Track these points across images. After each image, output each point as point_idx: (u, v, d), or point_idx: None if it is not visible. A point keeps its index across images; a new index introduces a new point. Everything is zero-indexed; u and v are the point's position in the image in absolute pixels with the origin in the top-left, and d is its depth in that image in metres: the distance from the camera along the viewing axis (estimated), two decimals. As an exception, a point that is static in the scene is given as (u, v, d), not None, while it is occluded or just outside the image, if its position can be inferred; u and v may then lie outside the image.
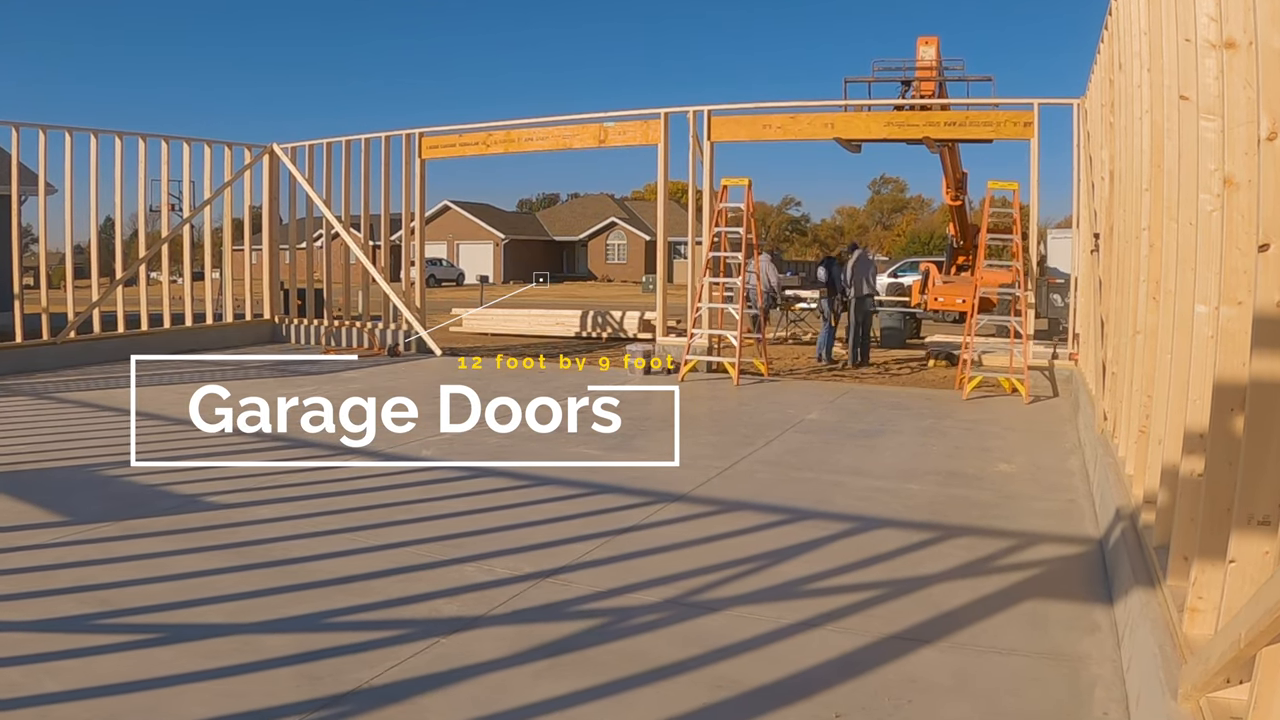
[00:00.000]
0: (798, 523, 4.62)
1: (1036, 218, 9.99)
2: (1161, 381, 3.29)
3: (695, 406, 8.63)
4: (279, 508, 4.87)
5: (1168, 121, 3.36)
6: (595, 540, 4.32)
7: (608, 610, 3.52)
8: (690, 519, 4.76)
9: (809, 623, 3.34)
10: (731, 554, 4.14)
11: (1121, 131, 5.20)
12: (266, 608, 3.47)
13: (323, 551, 4.13)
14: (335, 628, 3.33)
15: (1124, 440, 4.35)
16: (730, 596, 3.64)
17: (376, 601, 3.56)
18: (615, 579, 3.83)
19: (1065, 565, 4.04)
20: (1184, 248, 2.97)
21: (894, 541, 4.36)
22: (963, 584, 3.78)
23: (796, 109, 10.67)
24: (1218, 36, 2.57)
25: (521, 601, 3.58)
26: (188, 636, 3.18)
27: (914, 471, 5.83)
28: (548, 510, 4.91)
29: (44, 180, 11.21)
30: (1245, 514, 2.06)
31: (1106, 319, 5.88)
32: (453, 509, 4.98)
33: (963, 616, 3.44)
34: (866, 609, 3.50)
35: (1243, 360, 2.26)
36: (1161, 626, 2.55)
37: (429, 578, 3.83)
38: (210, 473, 5.53)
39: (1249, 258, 2.26)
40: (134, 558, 3.99)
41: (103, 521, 4.51)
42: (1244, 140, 2.34)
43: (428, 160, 12.99)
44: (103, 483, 5.36)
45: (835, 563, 4.02)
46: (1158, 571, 2.89)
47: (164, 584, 3.68)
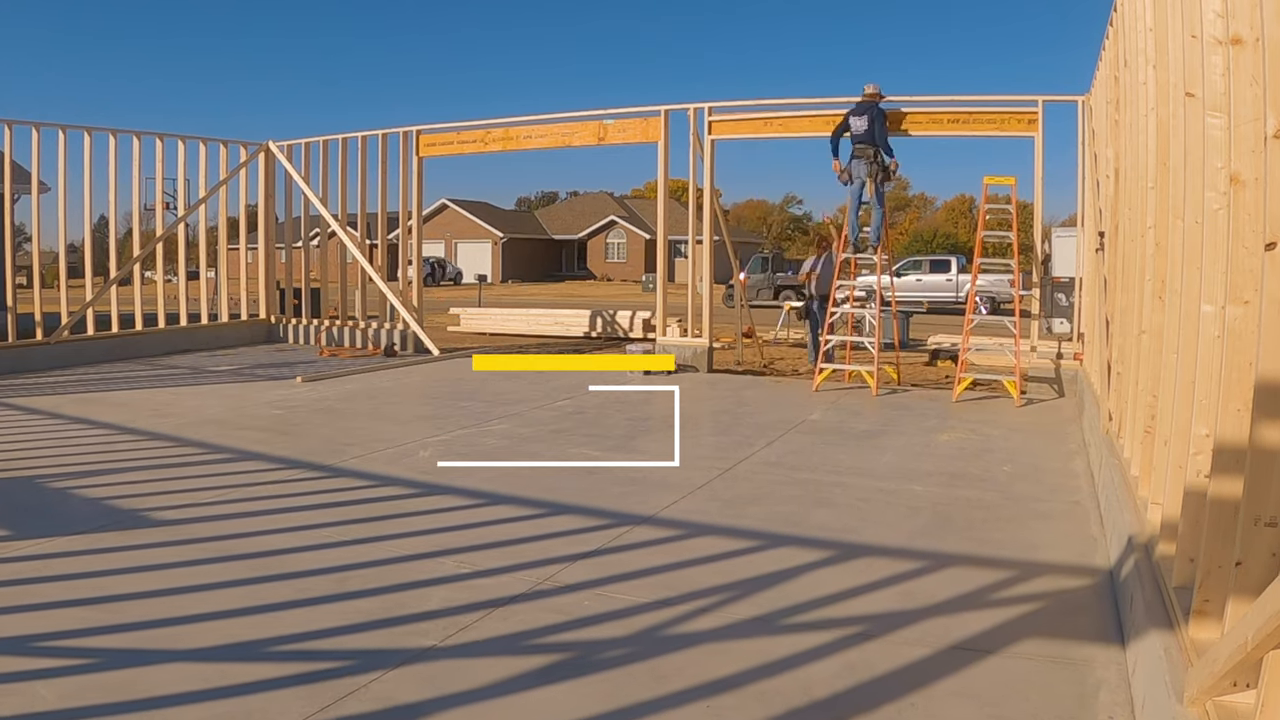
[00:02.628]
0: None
1: (1041, 216, 9.93)
2: (1167, 381, 3.26)
3: (696, 407, 8.60)
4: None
5: (1173, 119, 3.33)
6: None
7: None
8: (692, 517, 4.74)
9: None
10: (732, 567, 4.05)
11: (1127, 129, 5.17)
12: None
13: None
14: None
15: (1129, 441, 4.32)
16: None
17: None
18: (614, 581, 3.80)
19: (1067, 565, 4.02)
20: (1190, 246, 2.94)
21: (892, 552, 4.32)
22: (959, 586, 3.75)
23: (798, 106, 10.61)
24: (1224, 33, 2.54)
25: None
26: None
27: (917, 472, 5.80)
28: (544, 505, 4.88)
29: (37, 178, 11.13)
30: (1252, 515, 2.04)
31: (1112, 318, 5.85)
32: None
33: (963, 619, 3.41)
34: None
35: (1250, 359, 2.24)
36: (1166, 630, 2.53)
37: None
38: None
39: (1256, 256, 2.25)
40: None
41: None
42: (1250, 137, 2.32)
43: (425, 158, 12.93)
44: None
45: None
46: (1164, 577, 2.87)
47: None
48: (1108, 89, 6.55)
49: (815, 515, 4.82)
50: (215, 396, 8.70)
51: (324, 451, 6.22)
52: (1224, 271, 2.46)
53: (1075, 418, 7.80)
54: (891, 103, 9.93)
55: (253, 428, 7.10)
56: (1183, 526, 2.73)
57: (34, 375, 10.06)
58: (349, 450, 6.25)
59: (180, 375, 10.28)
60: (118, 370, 10.60)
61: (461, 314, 17.69)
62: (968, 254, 16.84)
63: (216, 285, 13.88)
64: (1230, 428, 2.33)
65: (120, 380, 9.80)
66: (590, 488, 5.36)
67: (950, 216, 58.36)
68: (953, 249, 38.01)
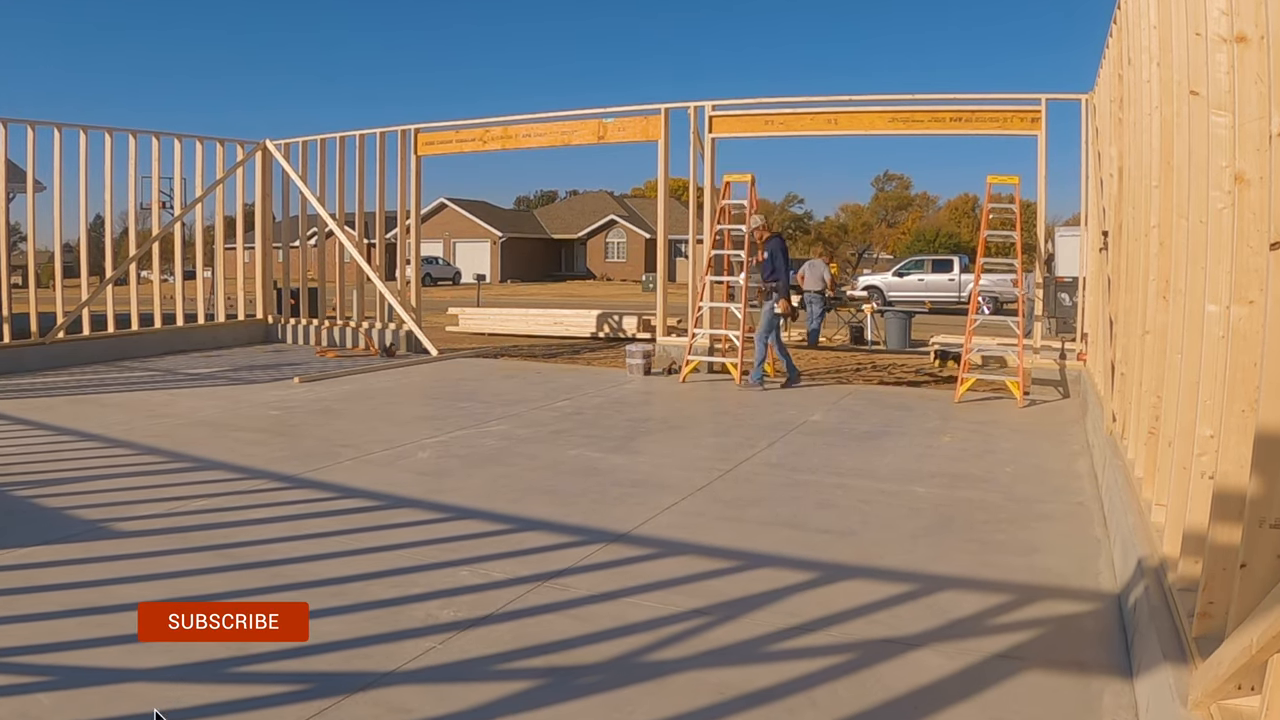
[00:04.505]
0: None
1: (1044, 215, 9.89)
2: (1171, 382, 3.24)
3: (697, 408, 8.58)
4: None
5: (1178, 117, 3.31)
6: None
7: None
8: (692, 519, 4.71)
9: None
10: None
11: (1130, 127, 5.14)
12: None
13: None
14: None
15: (1133, 442, 4.29)
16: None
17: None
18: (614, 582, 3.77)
19: (1070, 567, 3.99)
20: (1194, 245, 2.92)
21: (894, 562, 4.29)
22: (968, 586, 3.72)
23: (799, 104, 10.58)
24: (1229, 30, 2.53)
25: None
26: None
27: (919, 474, 5.77)
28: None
29: (32, 177, 11.09)
30: (1257, 517, 2.02)
31: (1115, 318, 5.83)
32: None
33: (968, 619, 3.39)
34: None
35: (1254, 360, 2.22)
36: (1170, 632, 2.51)
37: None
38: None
39: (1261, 256, 2.24)
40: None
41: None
42: (1255, 136, 2.31)
43: (424, 156, 12.90)
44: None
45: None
46: (1168, 579, 2.84)
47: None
48: (1111, 87, 6.53)
49: (816, 517, 4.79)
50: (212, 398, 8.66)
51: (322, 453, 6.19)
52: (1228, 271, 2.44)
53: (1078, 419, 7.76)
54: (893, 101, 9.91)
55: (249, 429, 7.06)
56: (1187, 529, 2.70)
57: (29, 376, 10.02)
58: (344, 452, 6.22)
59: (177, 376, 10.24)
60: (113, 371, 10.56)
61: (460, 314, 17.66)
62: (970, 253, 16.78)
63: (213, 285, 13.83)
64: (1235, 429, 2.31)
65: (115, 382, 9.77)
66: (590, 489, 5.33)
67: (953, 216, 58.27)
68: (955, 249, 37.94)
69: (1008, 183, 9.33)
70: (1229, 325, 2.39)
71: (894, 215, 63.25)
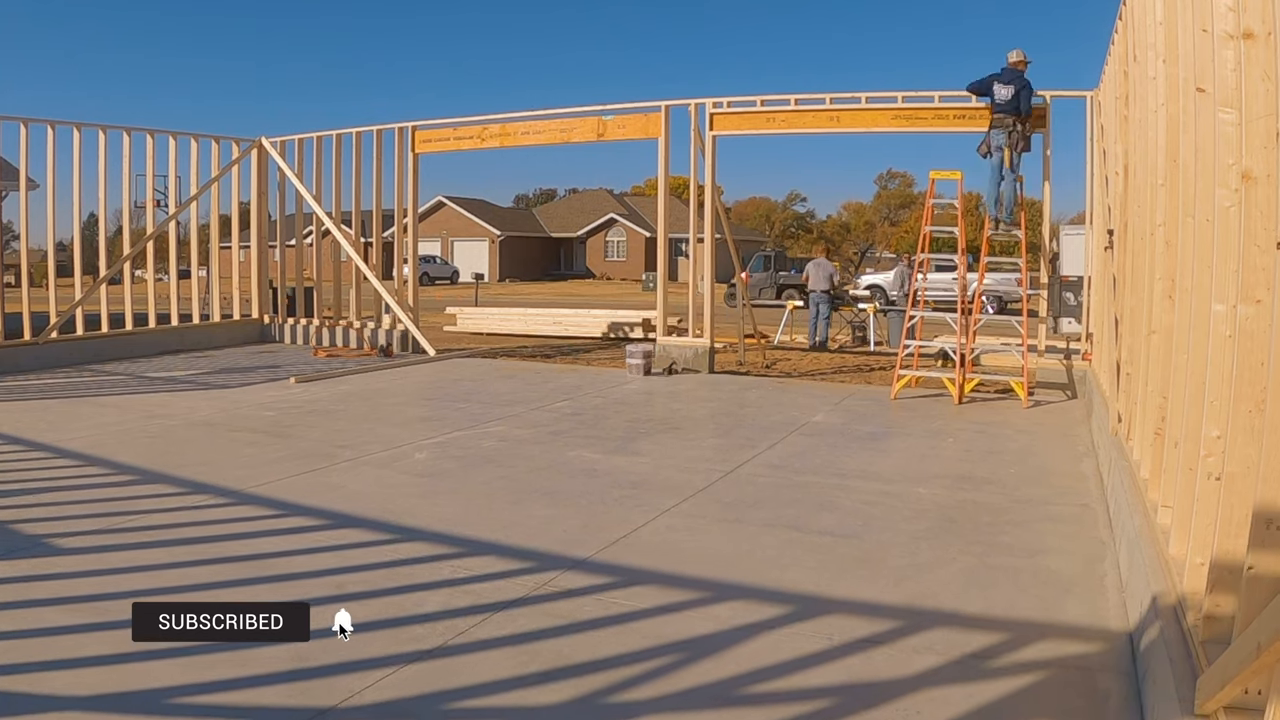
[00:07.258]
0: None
1: (1049, 213, 9.85)
2: (1178, 382, 3.21)
3: (698, 408, 8.55)
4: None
5: (1184, 114, 3.28)
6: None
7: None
8: (693, 521, 4.68)
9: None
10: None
11: (1136, 125, 5.11)
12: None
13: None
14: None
15: (1139, 443, 4.26)
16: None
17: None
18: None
19: (1075, 570, 3.96)
20: (1201, 244, 2.89)
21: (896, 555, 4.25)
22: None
23: (801, 102, 10.53)
24: (1235, 27, 2.51)
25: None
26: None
27: (923, 475, 5.73)
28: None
29: (25, 175, 11.02)
30: (1264, 519, 1.99)
31: (1121, 318, 5.79)
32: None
33: (966, 622, 3.36)
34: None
35: (1262, 359, 2.20)
36: (1178, 636, 2.48)
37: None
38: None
39: (1268, 254, 2.23)
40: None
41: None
42: (1262, 134, 2.30)
43: (421, 154, 12.84)
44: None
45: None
46: (1175, 581, 2.81)
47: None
48: (1117, 84, 6.49)
49: (818, 519, 4.76)
50: (207, 398, 8.61)
51: (318, 456, 6.15)
52: (1235, 270, 2.43)
53: (1084, 419, 7.72)
54: (897, 98, 9.87)
55: (245, 429, 7.03)
56: (1193, 530, 2.68)
57: (21, 376, 9.96)
58: (342, 454, 6.18)
59: (172, 376, 10.19)
60: (107, 371, 10.51)
61: (458, 314, 17.64)
62: (974, 253, 16.81)
63: (209, 284, 13.78)
64: (1242, 429, 2.28)
65: (110, 382, 9.71)
66: (590, 490, 5.29)
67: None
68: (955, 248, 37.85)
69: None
70: (1236, 324, 2.38)
71: (897, 213, 63.17)
